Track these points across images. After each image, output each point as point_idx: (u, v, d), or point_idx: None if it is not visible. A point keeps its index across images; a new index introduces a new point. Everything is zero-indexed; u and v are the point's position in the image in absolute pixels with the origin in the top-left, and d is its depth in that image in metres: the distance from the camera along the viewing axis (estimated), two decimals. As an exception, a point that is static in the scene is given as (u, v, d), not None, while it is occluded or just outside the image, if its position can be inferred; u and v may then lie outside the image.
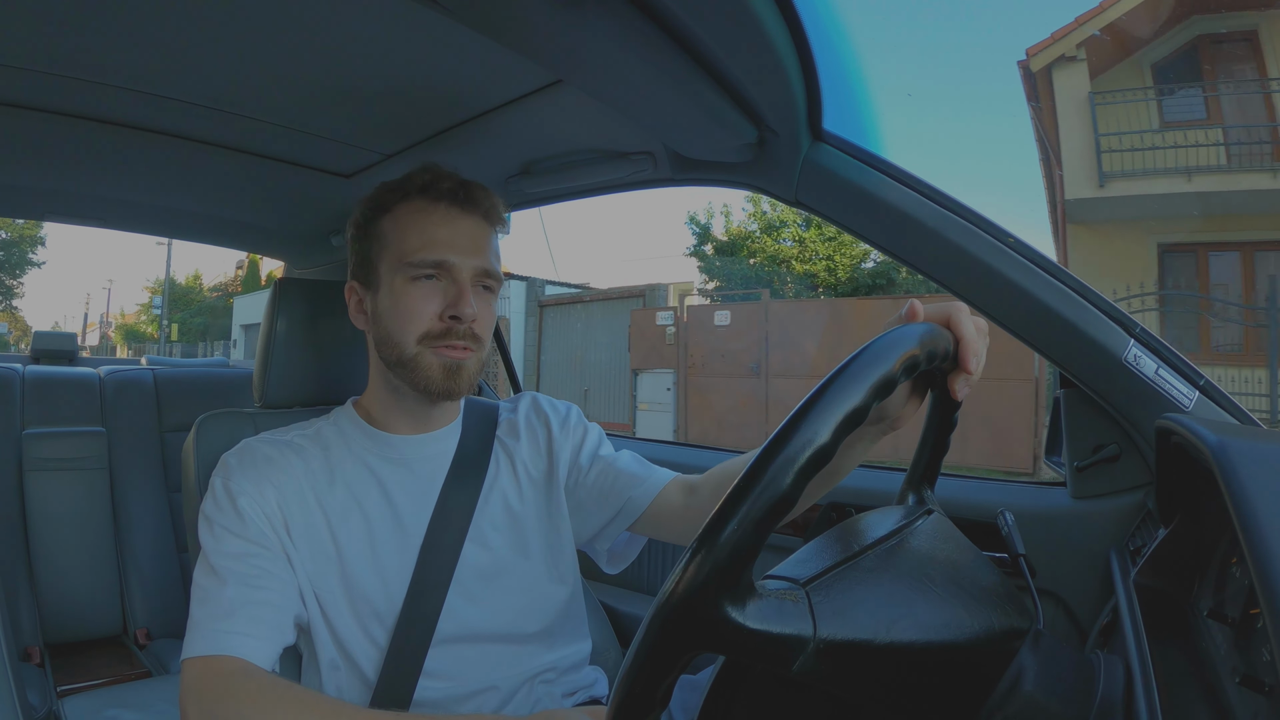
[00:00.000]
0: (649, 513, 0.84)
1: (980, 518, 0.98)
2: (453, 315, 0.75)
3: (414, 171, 0.80)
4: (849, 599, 0.41)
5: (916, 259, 0.85)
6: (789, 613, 0.37)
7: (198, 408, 0.97)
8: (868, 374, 0.40)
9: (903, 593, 0.44)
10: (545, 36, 0.65)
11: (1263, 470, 0.45)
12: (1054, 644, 0.51)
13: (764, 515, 0.35)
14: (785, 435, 0.37)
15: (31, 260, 21.52)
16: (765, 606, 0.37)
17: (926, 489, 0.60)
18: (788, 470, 0.36)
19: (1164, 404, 0.78)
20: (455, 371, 0.76)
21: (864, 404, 0.39)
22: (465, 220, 0.78)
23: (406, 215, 0.78)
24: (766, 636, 0.36)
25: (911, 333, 0.46)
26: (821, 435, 0.37)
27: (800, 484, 0.36)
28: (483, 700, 0.77)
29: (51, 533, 1.70)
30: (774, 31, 0.63)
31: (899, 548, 0.48)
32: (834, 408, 0.38)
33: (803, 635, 0.37)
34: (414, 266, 0.75)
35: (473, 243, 0.78)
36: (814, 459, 0.36)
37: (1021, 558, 0.66)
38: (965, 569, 0.50)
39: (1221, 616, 0.52)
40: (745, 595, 0.36)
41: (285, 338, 0.97)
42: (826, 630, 0.38)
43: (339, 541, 0.76)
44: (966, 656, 0.45)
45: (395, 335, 0.76)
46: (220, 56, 0.82)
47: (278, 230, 1.57)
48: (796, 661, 0.37)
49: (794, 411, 0.38)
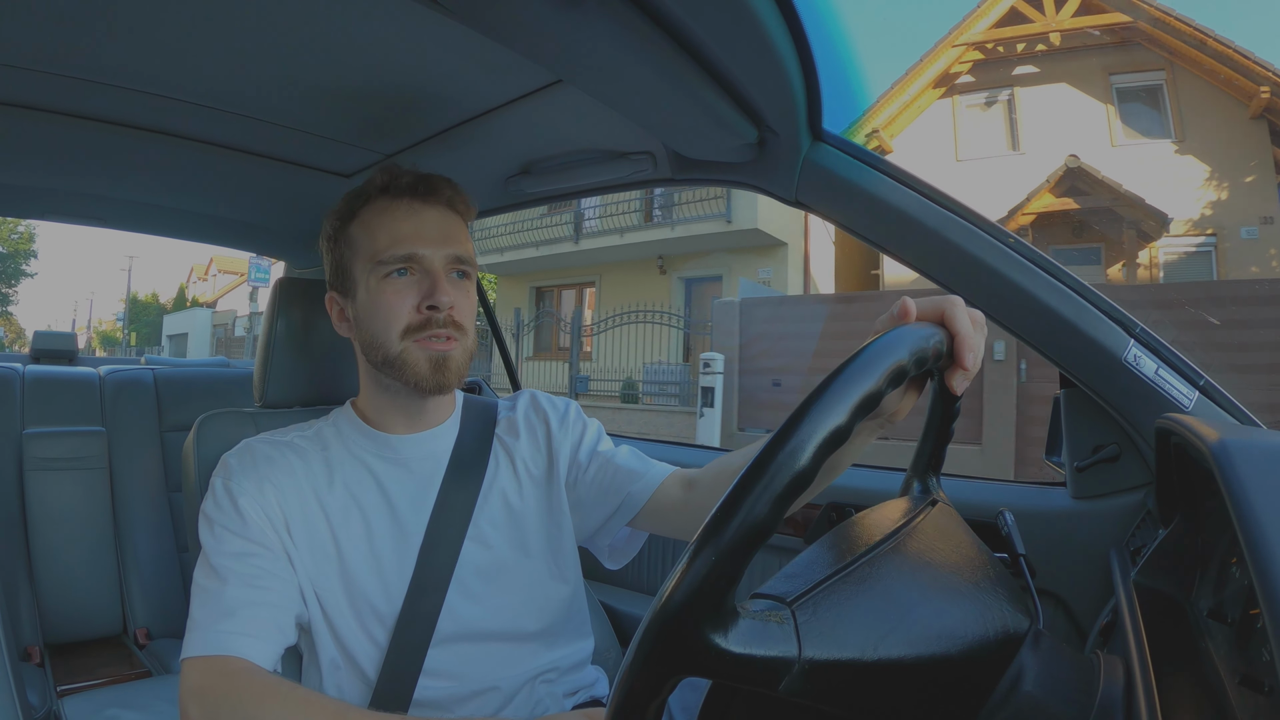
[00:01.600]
0: (648, 507, 0.84)
1: (980, 518, 0.98)
2: (430, 305, 0.76)
3: (372, 175, 0.81)
4: (837, 615, 0.40)
5: (916, 259, 0.85)
6: (773, 635, 0.37)
7: (198, 408, 0.97)
8: (850, 392, 0.39)
9: (895, 605, 0.43)
10: (545, 36, 0.65)
11: (1263, 470, 0.45)
12: (1054, 644, 0.51)
13: (742, 544, 0.35)
14: (764, 461, 0.36)
15: (24, 271, 24.07)
16: (749, 629, 0.36)
17: (932, 477, 0.60)
18: (765, 497, 0.35)
19: (1164, 404, 0.78)
20: (442, 364, 0.77)
21: (846, 424, 0.38)
22: (429, 211, 0.79)
23: (371, 216, 0.79)
24: (750, 660, 0.36)
25: (898, 341, 0.45)
26: (800, 459, 0.36)
27: (780, 509, 0.36)
28: (484, 700, 0.77)
29: (51, 532, 1.70)
30: (774, 31, 0.63)
31: (895, 553, 0.47)
32: (815, 429, 0.37)
33: (787, 657, 0.37)
34: (385, 264, 0.76)
35: (439, 231, 0.79)
36: (793, 484, 0.36)
37: (1021, 558, 0.66)
38: (964, 569, 0.50)
39: (1221, 616, 0.52)
40: (728, 620, 0.35)
41: (285, 338, 0.97)
42: (812, 651, 0.37)
43: (339, 541, 0.76)
44: (961, 666, 0.44)
45: (378, 335, 0.77)
46: (220, 56, 0.82)
47: (278, 230, 1.57)
48: (782, 683, 0.37)
49: (774, 434, 0.37)
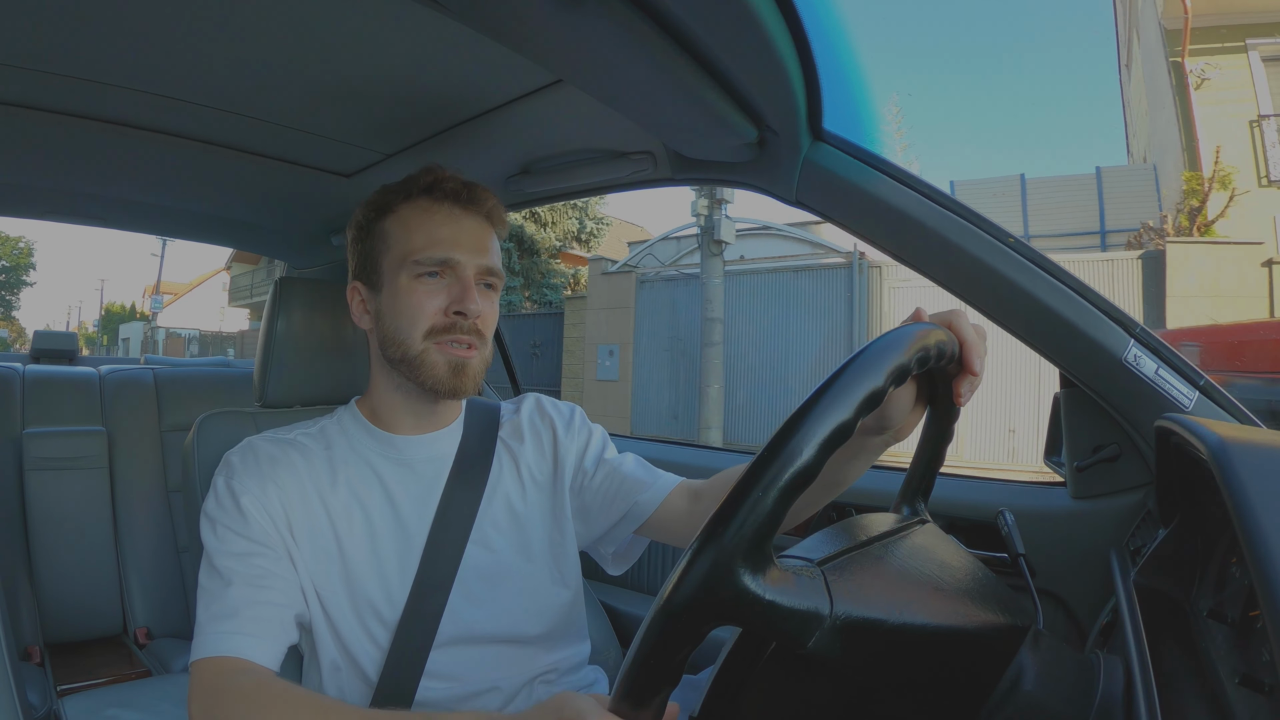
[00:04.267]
0: (655, 517, 0.84)
1: (980, 518, 0.98)
2: (457, 310, 0.76)
3: (417, 173, 0.81)
4: (863, 579, 0.41)
5: (916, 259, 0.85)
6: (806, 588, 0.37)
7: (198, 407, 0.97)
8: (886, 358, 0.42)
9: (912, 580, 0.44)
10: (545, 36, 0.65)
11: (1263, 470, 0.45)
12: (1054, 644, 0.51)
13: (787, 485, 0.36)
14: (808, 408, 0.38)
15: (25, 281, 29.19)
16: (784, 580, 0.36)
17: (920, 501, 0.60)
18: (810, 440, 0.37)
19: (1164, 404, 0.78)
20: (460, 369, 0.77)
21: (882, 385, 0.41)
22: (469, 219, 0.79)
23: (411, 214, 0.79)
24: (785, 611, 0.36)
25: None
26: (843, 410, 0.39)
27: (824, 455, 0.37)
28: (484, 701, 0.77)
29: (51, 532, 1.69)
30: (774, 31, 0.63)
31: (903, 542, 0.48)
32: (855, 384, 0.40)
33: (820, 611, 0.37)
34: (419, 264, 0.76)
35: (476, 241, 0.79)
36: (836, 433, 0.38)
37: (1021, 558, 0.66)
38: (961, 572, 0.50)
39: (1221, 616, 0.52)
40: (765, 566, 0.36)
41: (285, 337, 0.97)
42: (843, 607, 0.38)
43: (341, 541, 0.76)
44: (973, 644, 0.45)
45: (401, 332, 0.77)
46: (220, 56, 0.82)
47: (278, 230, 1.57)
48: (813, 638, 0.37)
49: (817, 388, 0.40)
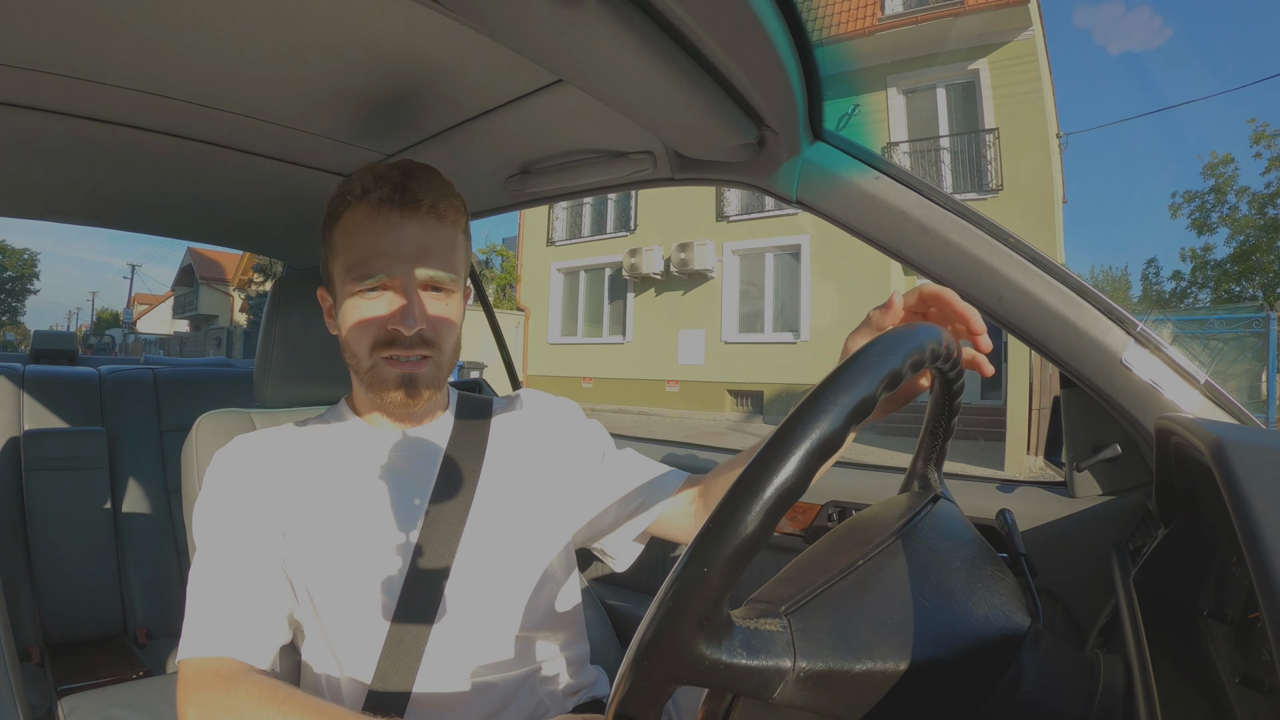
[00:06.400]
0: (660, 514, 0.84)
1: (980, 518, 0.98)
2: (395, 327, 0.74)
3: (356, 175, 0.78)
4: (832, 621, 0.39)
5: (916, 259, 0.85)
6: (768, 643, 0.37)
7: (197, 407, 0.97)
8: (844, 399, 0.38)
9: (892, 609, 0.43)
10: (545, 36, 0.65)
11: (1263, 470, 0.45)
12: (1054, 644, 0.51)
13: (732, 558, 0.34)
14: (752, 475, 0.35)
15: (29, 289, 32.55)
16: (743, 639, 0.36)
17: (934, 471, 0.59)
18: (754, 510, 0.34)
19: (1164, 404, 0.78)
20: (411, 381, 0.76)
21: (841, 430, 0.37)
22: (408, 226, 0.75)
23: (351, 223, 0.76)
24: (745, 669, 0.35)
25: (894, 346, 0.42)
26: (788, 472, 0.35)
27: (770, 522, 0.34)
28: (482, 697, 0.77)
29: (51, 532, 1.70)
30: (774, 31, 0.63)
31: (894, 554, 0.47)
32: (804, 439, 0.36)
33: (781, 666, 0.36)
34: (357, 280, 0.75)
35: (417, 247, 0.75)
36: (782, 499, 0.35)
37: (1021, 557, 0.66)
38: (964, 569, 0.50)
39: (1221, 616, 0.52)
40: (721, 631, 0.35)
41: (285, 337, 0.97)
42: (806, 659, 0.37)
43: (333, 539, 0.76)
44: (957, 671, 0.44)
45: (352, 345, 0.77)
46: (220, 56, 0.82)
47: (277, 230, 1.57)
48: (776, 691, 0.36)
49: (762, 448, 0.36)
